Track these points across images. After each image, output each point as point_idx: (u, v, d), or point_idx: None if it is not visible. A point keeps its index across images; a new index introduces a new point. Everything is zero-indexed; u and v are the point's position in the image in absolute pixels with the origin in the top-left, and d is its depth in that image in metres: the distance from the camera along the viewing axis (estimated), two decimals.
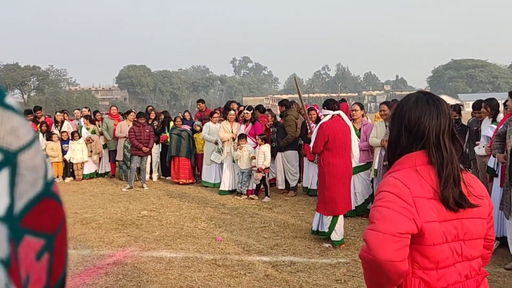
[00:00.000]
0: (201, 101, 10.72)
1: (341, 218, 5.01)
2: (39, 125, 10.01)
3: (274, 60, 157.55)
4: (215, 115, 8.82)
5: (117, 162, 9.92)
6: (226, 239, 5.30)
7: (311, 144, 5.10)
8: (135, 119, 9.05)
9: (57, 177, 9.87)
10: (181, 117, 9.97)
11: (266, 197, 7.54)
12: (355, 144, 5.11)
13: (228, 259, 4.60)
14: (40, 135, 9.88)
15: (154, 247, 5.08)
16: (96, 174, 10.34)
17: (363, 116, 6.82)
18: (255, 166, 7.51)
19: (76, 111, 10.98)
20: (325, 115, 5.05)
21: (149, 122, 9.55)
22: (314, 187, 7.36)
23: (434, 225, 1.34)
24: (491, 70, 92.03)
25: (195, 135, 9.32)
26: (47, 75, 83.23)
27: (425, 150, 1.42)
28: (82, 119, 10.33)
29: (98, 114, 10.68)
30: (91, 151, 9.99)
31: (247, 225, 5.93)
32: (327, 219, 4.98)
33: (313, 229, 5.28)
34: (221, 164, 8.49)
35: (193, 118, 10.51)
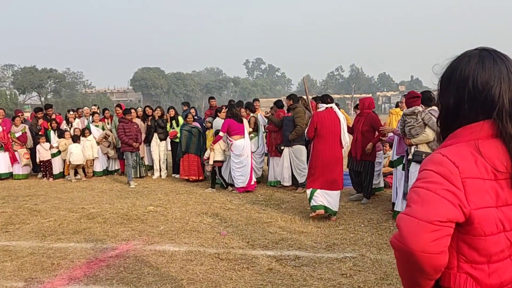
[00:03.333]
0: (212, 98, 11.02)
1: (320, 192, 5.67)
2: (49, 122, 10.09)
3: (287, 61, 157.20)
4: (223, 111, 8.78)
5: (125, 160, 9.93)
6: (231, 234, 5.20)
7: (305, 131, 5.98)
8: (122, 116, 9.17)
9: (68, 174, 9.91)
10: (193, 114, 9.93)
11: (210, 188, 8.10)
12: (344, 134, 5.79)
13: (231, 253, 4.51)
14: (52, 132, 9.97)
15: (158, 241, 5.02)
16: (107, 172, 10.37)
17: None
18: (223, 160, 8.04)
19: (85, 108, 11.04)
20: (320, 107, 5.96)
21: (156, 119, 9.67)
22: None
23: (487, 212, 1.12)
24: None
25: (206, 132, 9.28)
26: (64, 77, 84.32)
27: (492, 120, 1.16)
28: (91, 117, 10.38)
29: (107, 111, 10.72)
30: (108, 146, 10.02)
31: (253, 221, 5.82)
32: (309, 191, 5.81)
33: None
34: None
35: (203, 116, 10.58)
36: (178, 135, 9.45)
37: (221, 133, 7.80)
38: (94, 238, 5.18)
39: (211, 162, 7.98)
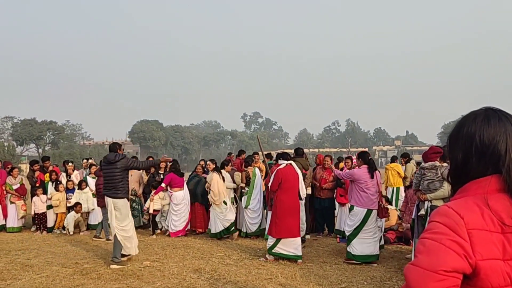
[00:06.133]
0: (230, 153, 11.52)
1: (289, 240, 6.41)
2: (47, 174, 10.05)
3: (284, 115, 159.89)
4: (230, 165, 9.12)
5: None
6: None
7: (269, 184, 6.64)
8: (99, 170, 8.84)
9: (59, 227, 9.70)
10: (202, 166, 9.95)
11: (154, 235, 8.86)
12: (302, 186, 6.64)
13: None
14: (50, 184, 9.91)
15: None
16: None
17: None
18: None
19: (84, 160, 11.06)
20: (281, 164, 6.67)
21: (160, 172, 9.69)
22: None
23: (494, 264, 1.13)
24: None
25: None
26: (63, 129, 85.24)
27: (500, 175, 1.20)
28: (88, 169, 10.38)
29: None
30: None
31: (253, 277, 5.65)
32: (271, 240, 6.47)
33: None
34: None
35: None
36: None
37: (163, 185, 8.77)
38: None
39: (151, 211, 8.87)
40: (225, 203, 8.41)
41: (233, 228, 8.52)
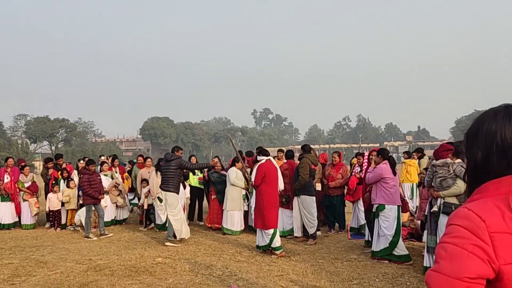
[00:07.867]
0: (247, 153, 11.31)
1: (277, 230, 6.77)
2: (60, 172, 10.16)
3: (295, 111, 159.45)
4: (240, 161, 8.96)
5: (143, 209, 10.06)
6: (241, 287, 5.05)
7: (253, 179, 6.90)
8: (86, 167, 8.98)
9: (71, 224, 9.83)
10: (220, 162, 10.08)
11: (145, 228, 9.52)
12: (280, 180, 6.94)
13: None
14: (62, 181, 10.02)
15: None
16: (115, 221, 10.27)
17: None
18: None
19: (110, 158, 11.16)
20: (261, 159, 6.97)
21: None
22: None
23: None
24: None
25: None
26: (75, 127, 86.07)
27: None
28: (98, 167, 10.46)
29: (116, 160, 10.80)
30: (118, 195, 9.99)
31: (264, 274, 5.67)
32: (268, 233, 6.68)
33: (257, 244, 6.98)
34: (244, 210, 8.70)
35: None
36: (194, 180, 9.74)
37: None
38: None
39: (145, 206, 9.49)
40: (160, 200, 8.48)
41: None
